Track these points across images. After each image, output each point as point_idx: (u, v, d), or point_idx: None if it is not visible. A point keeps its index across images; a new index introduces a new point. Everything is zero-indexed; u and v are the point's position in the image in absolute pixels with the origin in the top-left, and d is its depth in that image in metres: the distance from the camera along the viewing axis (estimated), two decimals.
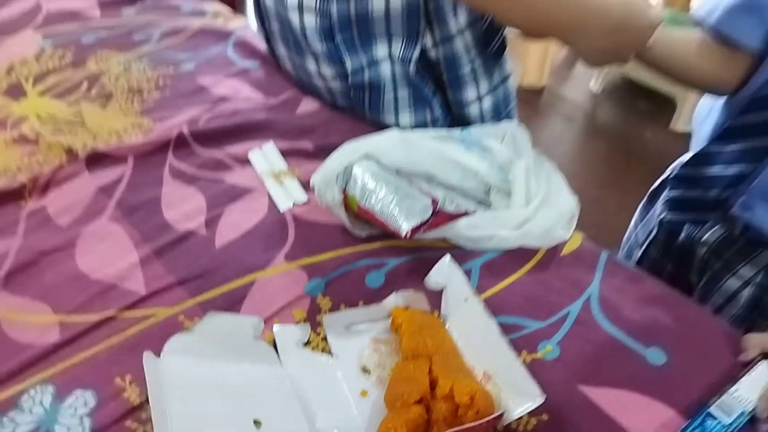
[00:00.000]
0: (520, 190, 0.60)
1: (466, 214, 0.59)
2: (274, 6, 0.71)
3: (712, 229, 0.74)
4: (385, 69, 0.71)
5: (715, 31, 0.66)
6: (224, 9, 0.96)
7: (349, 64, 0.70)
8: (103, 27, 0.89)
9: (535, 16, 0.61)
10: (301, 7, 0.67)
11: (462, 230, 0.56)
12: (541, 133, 1.89)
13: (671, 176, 0.77)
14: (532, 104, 2.04)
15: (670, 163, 0.79)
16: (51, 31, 0.88)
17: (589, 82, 2.14)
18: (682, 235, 0.78)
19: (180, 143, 0.69)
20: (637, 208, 0.88)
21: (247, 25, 0.91)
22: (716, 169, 0.69)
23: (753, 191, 0.65)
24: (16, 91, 0.77)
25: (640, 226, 0.88)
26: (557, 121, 1.93)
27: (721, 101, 0.72)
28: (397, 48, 0.70)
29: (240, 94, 0.78)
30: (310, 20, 0.67)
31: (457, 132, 0.66)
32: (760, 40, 0.63)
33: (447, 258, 0.55)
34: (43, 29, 0.88)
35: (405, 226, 0.53)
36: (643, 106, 2.01)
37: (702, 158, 0.70)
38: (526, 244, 0.58)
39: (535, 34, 0.63)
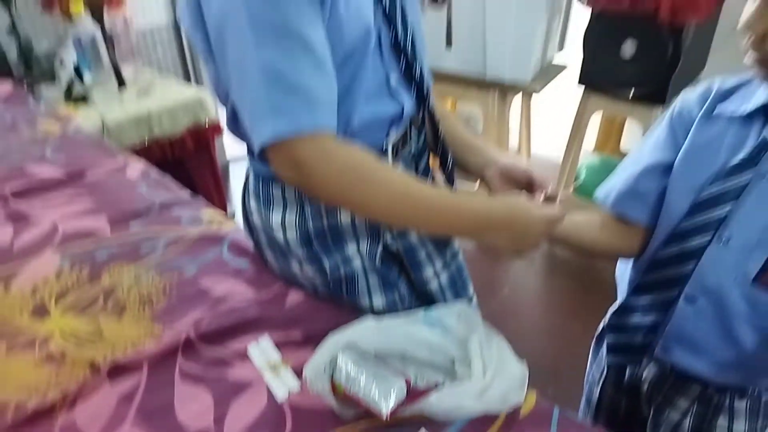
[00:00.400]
0: (477, 361, 0.72)
1: (436, 386, 0.70)
2: (261, 224, 0.87)
3: (648, 368, 0.86)
4: (357, 263, 0.85)
5: (613, 212, 0.84)
6: (218, 214, 1.12)
7: (326, 264, 0.84)
8: (114, 243, 1.04)
9: (421, 225, 0.77)
10: (284, 226, 0.83)
11: (433, 404, 0.67)
12: (506, 275, 2.05)
13: (606, 324, 0.91)
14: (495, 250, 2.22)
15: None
16: (68, 250, 1.02)
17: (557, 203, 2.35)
18: (627, 374, 0.90)
19: (187, 346, 0.80)
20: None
21: (237, 227, 1.07)
22: (636, 318, 0.83)
23: (668, 336, 0.79)
24: (41, 311, 0.89)
25: (594, 366, 1.00)
26: (520, 263, 2.10)
27: (631, 262, 0.88)
28: (364, 246, 0.85)
29: (235, 292, 0.91)
30: (292, 234, 0.83)
31: (421, 313, 0.80)
32: (647, 217, 0.81)
33: (422, 430, 0.65)
34: (61, 249, 1.03)
35: (385, 409, 0.64)
36: None
37: (624, 309, 0.84)
38: (488, 411, 0.69)
39: None
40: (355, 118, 0.75)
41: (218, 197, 2.24)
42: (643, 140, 0.85)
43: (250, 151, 0.83)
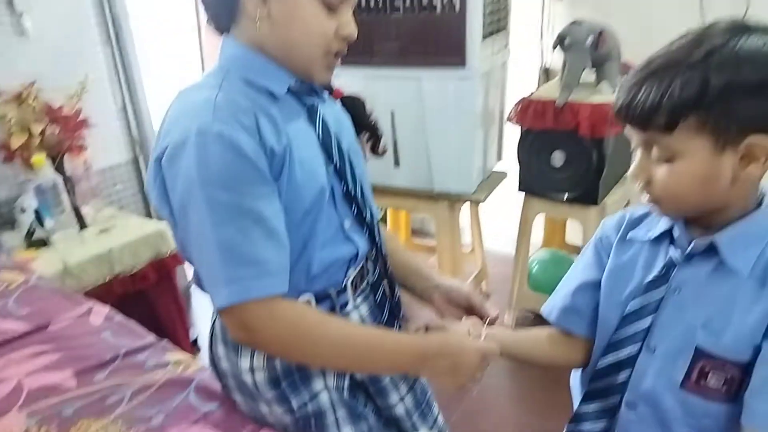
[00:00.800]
0: None
1: None
2: (230, 369, 0.91)
3: None
4: (324, 398, 0.89)
5: (557, 326, 0.92)
6: (184, 355, 1.15)
7: (294, 403, 0.88)
8: (80, 396, 1.04)
9: (365, 368, 0.86)
10: (252, 370, 0.87)
11: None
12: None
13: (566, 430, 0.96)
14: None
15: None
16: (34, 408, 1.02)
17: (503, 319, 2.43)
18: None
19: None
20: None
21: (204, 367, 1.09)
22: (588, 426, 0.88)
23: None
24: None
25: None
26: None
27: (579, 371, 0.95)
28: (332, 381, 0.90)
29: None
30: (261, 377, 0.87)
31: None
32: (585, 330, 0.89)
33: None
34: (26, 408, 1.03)
35: None
36: None
37: (577, 417, 0.90)
38: None
39: None
40: (314, 264, 0.83)
41: (181, 325, 2.24)
42: (577, 260, 0.95)
43: None
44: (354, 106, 1.00)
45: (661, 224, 0.81)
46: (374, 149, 1.05)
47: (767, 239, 0.72)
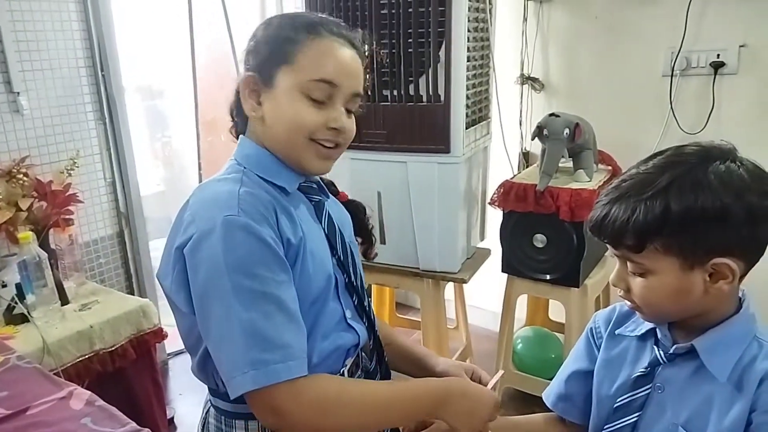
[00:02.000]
0: None
1: None
2: None
3: None
4: None
5: (553, 409, 0.94)
6: None
7: None
8: None
9: (393, 422, 0.87)
10: None
11: None
12: None
13: None
14: None
15: None
16: None
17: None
18: None
19: None
20: None
21: None
22: None
23: None
24: None
25: None
26: None
27: None
28: None
29: None
30: None
31: None
32: (579, 417, 0.92)
33: None
34: None
35: None
36: (539, 411, 2.27)
37: None
38: None
39: None
40: (315, 354, 0.85)
41: (158, 402, 2.17)
42: (573, 348, 0.98)
43: (212, 391, 0.90)
44: (356, 211, 1.07)
45: (647, 323, 0.84)
46: (366, 254, 1.10)
47: (745, 344, 0.75)
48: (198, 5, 2.68)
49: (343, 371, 0.91)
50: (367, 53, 0.93)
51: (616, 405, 0.83)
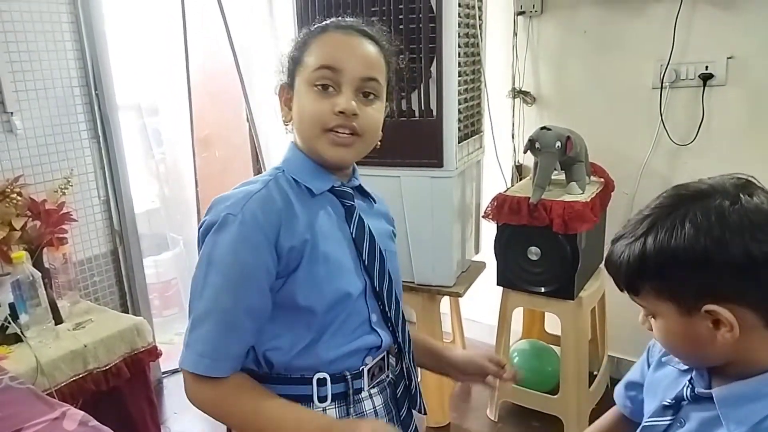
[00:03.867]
0: None
1: None
2: None
3: None
4: None
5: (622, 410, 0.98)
6: None
7: None
8: None
9: None
10: None
11: None
12: None
13: None
14: None
15: None
16: None
17: (485, 411, 2.40)
18: None
19: None
20: None
21: None
22: None
23: None
24: None
25: None
26: None
27: None
28: None
29: None
30: None
31: None
32: (637, 417, 0.92)
33: None
34: None
35: None
36: (536, 425, 2.26)
37: None
38: None
39: None
40: (334, 350, 0.90)
41: (152, 422, 2.16)
42: None
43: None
44: None
45: None
46: None
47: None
48: (192, 23, 2.70)
49: (362, 369, 0.94)
50: (389, 48, 0.96)
51: (643, 424, 0.83)
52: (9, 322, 1.83)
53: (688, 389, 0.77)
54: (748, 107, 2.10)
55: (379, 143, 0.98)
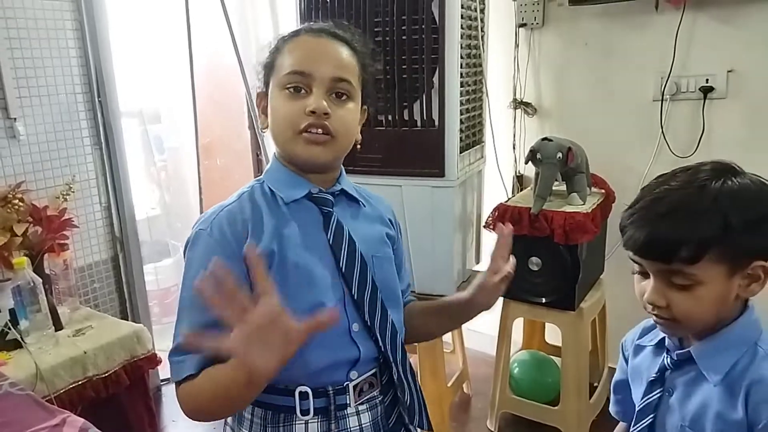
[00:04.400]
0: None
1: None
2: None
3: None
4: None
5: (614, 416, 1.03)
6: None
7: None
8: None
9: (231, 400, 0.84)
10: None
11: None
12: None
13: None
14: None
15: None
16: None
17: (485, 421, 2.39)
18: None
19: None
20: None
21: None
22: None
23: None
24: None
25: None
26: None
27: None
28: None
29: None
30: None
31: None
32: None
33: None
34: None
35: None
36: None
37: None
38: None
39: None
40: (313, 362, 0.88)
41: (151, 429, 2.16)
42: None
43: None
44: None
45: (661, 332, 0.89)
46: None
47: (742, 350, 0.79)
48: (197, 31, 2.72)
49: (347, 385, 0.92)
50: (362, 50, 0.97)
51: (638, 408, 0.89)
52: (9, 328, 1.83)
53: (667, 359, 0.86)
54: (749, 120, 2.11)
55: (359, 146, 0.99)
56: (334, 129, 0.89)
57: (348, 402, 0.92)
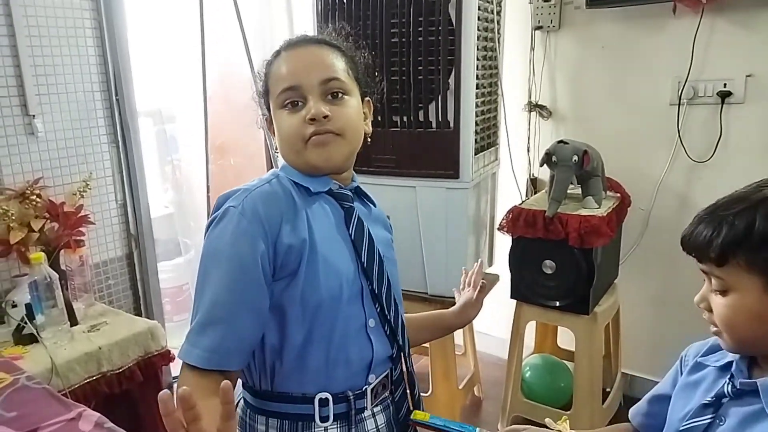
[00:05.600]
0: None
1: None
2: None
3: None
4: None
5: (634, 424, 0.98)
6: None
7: None
8: None
9: None
10: None
11: None
12: None
13: None
14: None
15: None
16: None
17: (497, 424, 2.38)
18: None
19: None
20: None
21: None
22: None
23: None
24: None
25: None
26: None
27: None
28: None
29: None
30: None
31: None
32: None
33: None
34: None
35: None
36: None
37: None
38: None
39: None
40: (332, 357, 0.89)
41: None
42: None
43: (243, 384, 0.96)
44: None
45: (729, 354, 0.83)
46: None
47: None
48: (210, 33, 2.74)
49: (366, 389, 0.93)
50: (343, 45, 0.99)
51: (681, 428, 0.83)
52: (25, 323, 1.84)
53: (729, 385, 0.78)
54: (767, 125, 2.09)
55: (369, 139, 1.01)
56: (339, 128, 0.91)
57: (365, 405, 0.93)
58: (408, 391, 1.01)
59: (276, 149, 0.99)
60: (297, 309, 0.87)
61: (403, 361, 1.00)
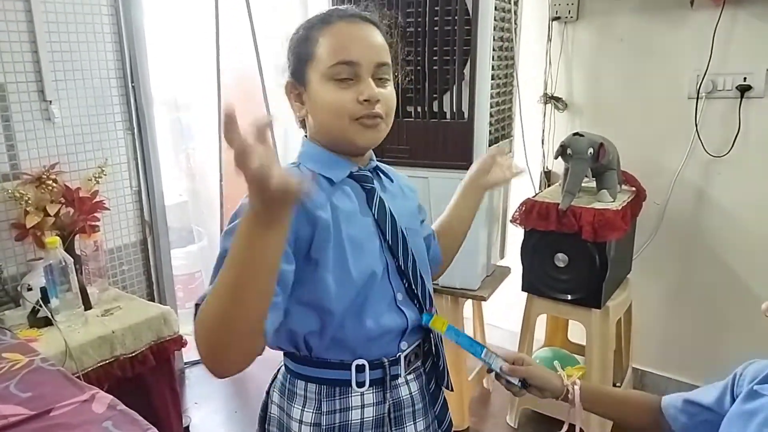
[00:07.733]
0: None
1: None
2: (278, 415, 0.98)
3: None
4: None
5: (663, 410, 0.97)
6: None
7: None
8: None
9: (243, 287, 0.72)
10: (301, 422, 0.94)
11: None
12: None
13: None
14: None
15: None
16: None
17: (505, 417, 2.38)
18: None
19: None
20: None
21: None
22: None
23: None
24: None
25: None
26: None
27: None
28: None
29: None
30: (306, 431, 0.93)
31: None
32: (673, 427, 0.94)
33: None
34: None
35: None
36: None
37: None
38: None
39: None
40: (367, 329, 0.91)
41: (174, 410, 2.19)
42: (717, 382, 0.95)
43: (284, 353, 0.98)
44: None
45: None
46: None
47: None
48: (225, 23, 2.74)
49: (399, 356, 0.96)
50: (390, 26, 0.99)
51: None
52: (40, 306, 1.87)
53: None
54: None
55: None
56: (384, 112, 0.92)
57: (399, 372, 0.96)
58: (438, 363, 1.04)
59: (300, 117, 0.96)
60: (330, 293, 0.88)
61: (432, 335, 1.03)
